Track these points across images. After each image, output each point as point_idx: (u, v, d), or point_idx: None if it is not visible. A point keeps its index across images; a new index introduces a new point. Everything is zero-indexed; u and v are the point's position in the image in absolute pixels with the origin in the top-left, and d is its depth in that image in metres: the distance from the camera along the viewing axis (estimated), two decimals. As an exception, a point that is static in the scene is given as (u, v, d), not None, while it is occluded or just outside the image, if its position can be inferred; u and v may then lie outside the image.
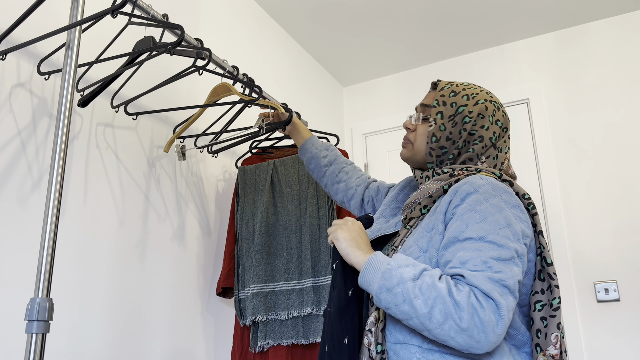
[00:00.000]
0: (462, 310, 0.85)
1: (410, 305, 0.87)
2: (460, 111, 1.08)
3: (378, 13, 2.57)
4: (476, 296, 0.86)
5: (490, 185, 0.97)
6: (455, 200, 0.98)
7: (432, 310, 0.86)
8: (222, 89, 1.64)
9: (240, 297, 1.75)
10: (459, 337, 0.85)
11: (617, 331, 2.28)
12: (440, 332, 0.86)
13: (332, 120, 3.05)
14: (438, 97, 1.12)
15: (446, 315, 0.85)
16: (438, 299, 0.86)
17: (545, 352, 0.93)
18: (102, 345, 1.41)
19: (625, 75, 2.55)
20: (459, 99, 1.10)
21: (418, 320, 0.87)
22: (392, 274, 0.90)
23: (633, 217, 2.37)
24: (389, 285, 0.89)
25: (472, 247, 0.91)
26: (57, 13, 1.43)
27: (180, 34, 1.20)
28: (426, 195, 1.05)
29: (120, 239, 1.52)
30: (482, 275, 0.87)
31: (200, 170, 1.91)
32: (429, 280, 0.88)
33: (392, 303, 0.89)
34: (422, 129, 1.12)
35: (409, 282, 0.88)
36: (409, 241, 1.02)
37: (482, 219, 0.93)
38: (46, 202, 0.97)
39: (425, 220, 1.03)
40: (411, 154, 1.15)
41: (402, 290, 0.88)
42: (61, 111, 1.02)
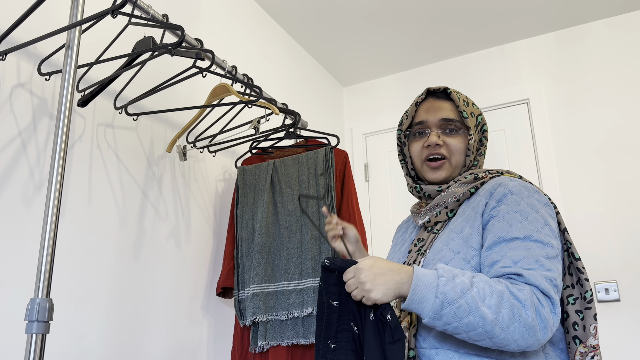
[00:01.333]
0: (527, 308, 0.84)
1: (475, 315, 0.84)
2: (480, 120, 1.11)
3: (378, 13, 2.57)
4: (537, 296, 0.86)
5: (522, 186, 0.99)
6: (492, 202, 0.98)
7: (497, 315, 0.84)
8: (221, 90, 1.64)
9: (240, 298, 1.75)
10: (523, 338, 0.84)
11: (618, 331, 2.28)
12: (504, 336, 0.84)
13: (332, 121, 3.05)
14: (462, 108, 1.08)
15: (512, 316, 0.84)
16: (502, 302, 0.84)
17: (586, 343, 0.95)
18: (102, 345, 1.41)
19: (625, 75, 2.55)
20: (473, 109, 1.11)
21: (483, 329, 0.84)
22: (449, 286, 0.85)
23: (633, 217, 2.37)
24: (450, 298, 0.84)
25: (520, 246, 0.91)
26: (57, 13, 1.43)
27: (181, 35, 1.20)
28: (453, 199, 1.04)
29: (120, 239, 1.52)
30: (539, 274, 0.88)
31: (200, 171, 1.91)
32: (484, 285, 0.86)
33: (456, 317, 0.84)
34: (459, 144, 1.08)
35: (469, 291, 0.85)
36: (438, 244, 1.01)
37: (523, 218, 0.94)
38: (46, 202, 0.97)
39: (454, 223, 1.02)
40: (449, 173, 1.08)
41: (465, 301, 0.84)
42: (61, 111, 1.02)
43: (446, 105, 1.10)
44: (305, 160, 1.80)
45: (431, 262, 1.00)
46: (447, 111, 1.09)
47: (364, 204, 3.03)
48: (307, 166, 1.79)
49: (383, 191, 3.01)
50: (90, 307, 1.39)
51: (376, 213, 2.99)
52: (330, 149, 1.78)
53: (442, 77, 3.01)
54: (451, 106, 1.10)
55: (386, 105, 3.14)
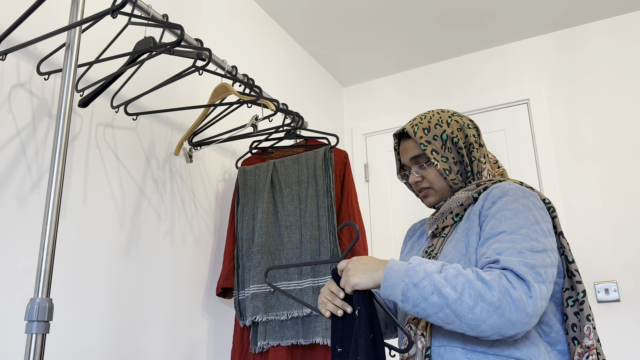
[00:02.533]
0: (492, 289, 0.88)
1: (439, 295, 0.89)
2: (445, 137, 1.17)
3: (378, 13, 2.57)
4: (507, 278, 0.90)
5: (518, 188, 1.05)
6: (487, 204, 1.05)
7: (462, 295, 0.88)
8: (221, 90, 1.64)
9: (240, 298, 1.75)
10: (491, 318, 0.87)
11: (618, 331, 2.28)
12: (471, 317, 0.87)
13: (332, 121, 3.05)
14: (420, 141, 1.16)
15: (477, 297, 0.88)
16: (466, 284, 0.89)
17: (582, 343, 0.99)
18: (102, 345, 1.41)
19: (625, 75, 2.55)
20: (435, 130, 1.18)
21: (449, 309, 0.88)
22: (415, 270, 0.93)
23: (633, 217, 2.37)
24: (415, 280, 0.91)
25: (506, 239, 0.96)
26: (57, 13, 1.43)
27: (180, 34, 1.20)
28: (457, 204, 1.12)
29: (120, 239, 1.52)
30: (516, 260, 0.92)
31: (200, 171, 1.91)
32: (453, 270, 0.92)
33: (421, 297, 0.90)
34: (431, 173, 1.17)
35: (434, 274, 0.91)
36: (447, 247, 1.08)
37: (513, 215, 0.99)
38: (46, 202, 0.97)
39: (461, 226, 1.10)
40: (439, 197, 1.18)
41: (429, 282, 0.90)
42: (61, 111, 1.02)
43: (410, 145, 1.20)
44: (305, 160, 1.80)
45: None
46: (411, 150, 1.19)
47: (364, 204, 3.03)
48: (306, 166, 1.79)
49: (383, 191, 3.01)
50: (90, 307, 1.39)
51: (376, 213, 2.99)
52: (330, 148, 1.78)
53: (442, 78, 3.01)
54: (413, 143, 1.19)
55: (386, 105, 3.14)
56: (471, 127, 1.20)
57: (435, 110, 1.22)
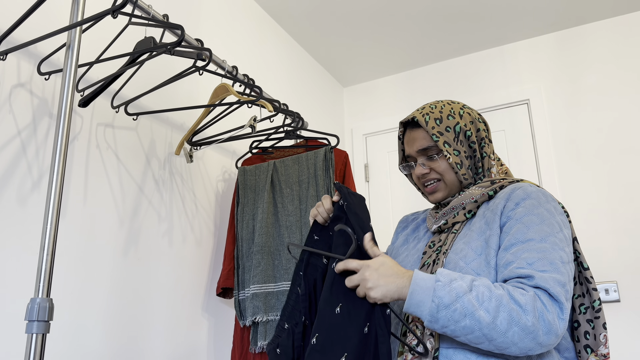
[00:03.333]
0: (527, 313, 0.85)
1: (472, 319, 0.85)
2: (459, 130, 1.11)
3: (379, 13, 2.57)
4: (542, 300, 0.87)
5: (541, 192, 1.02)
6: (510, 204, 1.00)
7: (495, 319, 0.85)
8: (221, 90, 1.64)
9: (240, 298, 1.75)
10: (523, 341, 0.85)
11: (618, 332, 2.28)
12: (503, 340, 0.85)
13: (332, 121, 3.05)
14: (432, 131, 1.09)
15: (510, 321, 0.84)
16: (501, 307, 0.85)
17: (597, 352, 0.97)
18: (102, 345, 1.41)
19: (625, 76, 2.55)
20: (448, 121, 1.11)
21: (480, 332, 0.85)
22: (445, 290, 0.87)
23: (633, 218, 2.37)
24: (446, 302, 0.86)
25: (536, 247, 0.92)
26: (58, 13, 1.43)
27: (181, 34, 1.20)
28: (470, 200, 1.07)
29: (120, 239, 1.52)
30: (551, 278, 0.89)
31: (200, 171, 1.91)
32: (485, 290, 0.87)
33: (452, 320, 0.86)
34: (442, 165, 1.10)
35: (466, 295, 0.86)
36: (459, 244, 1.02)
37: (540, 221, 0.96)
38: (46, 202, 0.97)
39: (476, 224, 1.04)
40: (447, 192, 1.12)
41: (461, 305, 0.86)
42: (61, 111, 1.02)
43: (419, 135, 1.12)
44: (305, 161, 1.80)
45: (452, 261, 1.00)
46: (420, 140, 1.11)
47: (364, 204, 3.03)
48: (307, 166, 1.79)
49: (383, 191, 3.01)
50: (90, 307, 1.39)
51: (376, 213, 2.99)
52: (330, 149, 1.78)
53: (442, 78, 3.01)
54: (423, 134, 1.11)
55: (386, 105, 3.14)
56: (481, 121, 1.15)
57: (445, 101, 1.15)
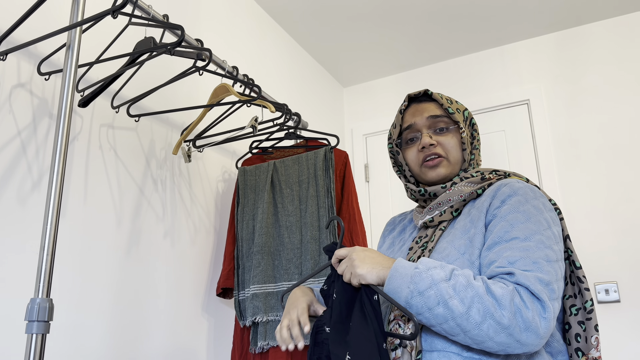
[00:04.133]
0: (503, 308, 0.82)
1: (445, 307, 0.83)
2: (467, 115, 1.11)
3: (379, 13, 2.57)
4: (521, 296, 0.84)
5: (529, 188, 0.98)
6: (495, 202, 0.97)
7: (469, 309, 0.82)
8: (221, 90, 1.64)
9: (240, 298, 1.75)
10: (499, 336, 0.82)
11: (618, 332, 2.28)
12: (478, 332, 0.82)
13: (332, 121, 3.05)
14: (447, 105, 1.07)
15: (485, 313, 0.82)
16: (475, 298, 0.83)
17: (588, 355, 0.94)
18: (102, 345, 1.41)
19: (625, 76, 2.55)
20: (458, 105, 1.11)
21: (454, 322, 0.83)
22: (422, 276, 0.86)
23: (633, 218, 2.37)
24: (421, 289, 0.85)
25: (519, 246, 0.89)
26: (58, 14, 1.43)
27: (181, 35, 1.20)
28: (459, 198, 1.03)
29: (120, 240, 1.52)
30: (532, 276, 0.85)
31: (200, 171, 1.91)
32: (463, 279, 0.85)
33: (425, 307, 0.84)
34: (452, 140, 1.06)
35: (441, 283, 0.85)
36: (443, 243, 1.00)
37: (526, 219, 0.92)
38: (46, 202, 0.97)
39: (460, 222, 1.01)
40: (450, 170, 1.07)
41: (435, 292, 0.84)
42: (61, 112, 1.02)
43: (430, 106, 1.09)
44: (305, 161, 1.80)
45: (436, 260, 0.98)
46: (432, 110, 1.09)
47: (364, 205, 3.03)
48: (307, 166, 1.79)
49: (383, 192, 3.01)
50: (90, 307, 1.39)
51: (376, 213, 2.99)
52: (330, 149, 1.78)
53: (442, 78, 3.01)
54: (435, 105, 1.09)
55: (386, 105, 3.14)
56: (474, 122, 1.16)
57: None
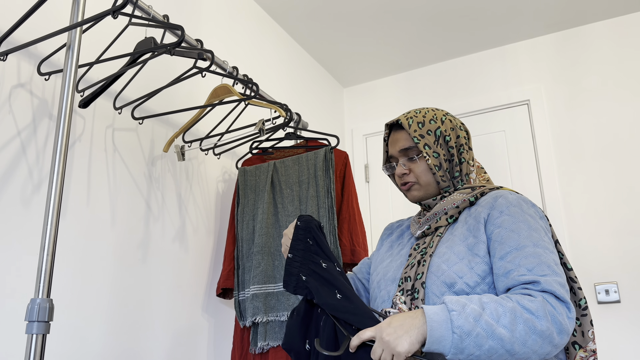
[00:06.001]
0: (540, 318, 0.88)
1: (494, 339, 0.86)
2: (439, 134, 1.17)
3: (379, 14, 2.57)
4: (551, 303, 0.91)
5: (521, 199, 1.07)
6: (494, 213, 1.05)
7: (514, 332, 0.87)
8: (222, 90, 1.64)
9: (240, 298, 1.75)
10: (542, 348, 0.88)
11: (618, 332, 2.28)
12: (524, 351, 0.87)
13: (332, 121, 3.05)
14: (413, 134, 1.16)
15: (528, 330, 0.87)
16: (516, 319, 0.88)
17: (586, 348, 1.01)
18: (102, 345, 1.41)
19: (625, 76, 2.55)
20: (429, 125, 1.18)
21: (504, 350, 0.87)
22: (462, 317, 0.88)
23: (633, 218, 2.37)
24: (467, 330, 0.87)
25: (531, 253, 0.97)
26: (58, 14, 1.43)
27: (181, 35, 1.20)
28: (452, 206, 1.12)
29: (121, 240, 1.52)
30: (553, 280, 0.93)
31: (200, 172, 1.91)
32: (495, 305, 0.89)
33: (477, 346, 0.86)
34: (420, 167, 1.16)
35: (483, 316, 0.88)
36: (442, 248, 1.07)
37: (528, 227, 1.01)
38: (47, 203, 0.97)
39: (458, 230, 1.09)
40: (423, 192, 1.17)
41: (481, 328, 0.87)
42: (61, 112, 1.02)
43: (402, 136, 1.19)
44: (305, 161, 1.80)
45: (435, 264, 1.05)
46: (402, 141, 1.18)
47: (364, 205, 3.03)
48: (307, 167, 1.79)
49: (383, 192, 3.01)
50: (90, 307, 1.39)
51: (376, 214, 2.99)
52: (330, 149, 1.78)
53: (442, 79, 3.01)
54: (406, 135, 1.18)
55: (387, 106, 3.14)
56: (462, 129, 1.21)
57: (430, 108, 1.23)
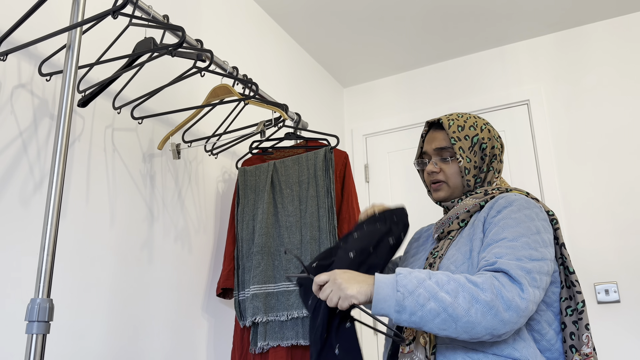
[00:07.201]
0: (484, 290, 0.91)
1: (435, 300, 0.91)
2: (476, 141, 1.20)
3: (379, 14, 2.57)
4: (499, 279, 0.93)
5: (524, 199, 1.10)
6: (492, 212, 1.09)
7: (456, 298, 0.90)
8: (222, 90, 1.64)
9: (240, 298, 1.75)
10: (485, 319, 0.90)
11: (618, 332, 2.28)
12: (467, 319, 0.90)
13: (332, 121, 3.06)
14: (452, 135, 1.19)
15: (471, 299, 0.90)
16: (459, 287, 0.92)
17: (580, 351, 1.02)
18: (103, 345, 1.41)
19: (625, 76, 2.55)
20: (469, 131, 1.21)
21: (446, 314, 0.90)
22: (407, 279, 0.94)
23: (633, 218, 2.37)
24: (410, 288, 0.93)
25: (506, 245, 1.00)
26: (58, 14, 1.43)
27: (182, 36, 1.20)
28: (464, 210, 1.16)
29: (121, 240, 1.52)
30: (513, 263, 0.95)
31: (200, 172, 1.91)
32: (443, 276, 0.95)
33: (418, 305, 0.91)
34: (452, 168, 1.20)
35: (426, 281, 0.93)
36: (452, 250, 1.12)
37: (516, 224, 1.03)
38: (47, 203, 0.97)
39: (466, 231, 1.14)
40: (449, 193, 1.21)
41: (424, 289, 0.92)
42: (62, 112, 1.02)
43: (440, 135, 1.23)
44: (305, 161, 1.80)
45: (445, 266, 1.09)
46: (439, 141, 1.22)
47: (364, 205, 3.03)
48: (307, 167, 1.79)
49: (383, 192, 3.01)
50: (90, 307, 1.39)
51: (376, 214, 2.99)
52: (330, 149, 1.78)
53: (442, 78, 3.01)
54: (444, 135, 1.22)
55: (387, 106, 3.14)
56: (499, 141, 1.24)
57: (473, 114, 1.27)
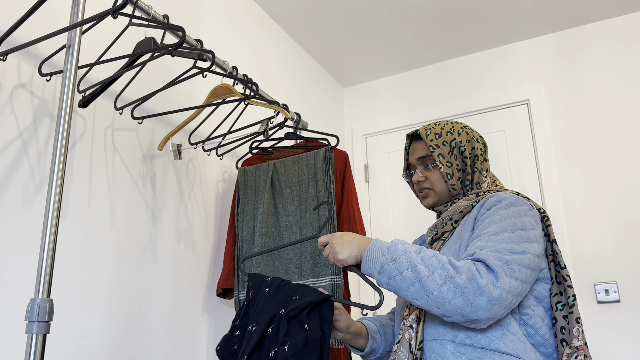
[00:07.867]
0: (461, 273, 0.97)
1: (413, 271, 0.98)
2: (454, 145, 1.25)
3: (379, 14, 2.57)
4: (477, 267, 0.98)
5: (513, 197, 1.13)
6: (482, 210, 1.14)
7: (433, 274, 0.97)
8: (222, 90, 1.64)
9: (241, 298, 1.75)
10: (456, 299, 0.95)
11: (618, 332, 2.28)
12: (438, 294, 0.96)
13: (332, 121, 3.06)
14: (430, 143, 1.25)
15: (446, 278, 0.97)
16: (439, 266, 0.98)
17: (571, 344, 1.04)
18: (103, 345, 1.41)
19: (625, 76, 2.55)
20: (446, 137, 1.26)
21: (420, 285, 0.97)
22: (396, 247, 1.03)
23: (633, 218, 2.37)
24: (394, 256, 1.01)
25: (488, 238, 1.04)
26: (58, 14, 1.43)
27: (182, 35, 1.20)
28: (456, 211, 1.20)
29: (121, 240, 1.52)
30: (492, 254, 1.00)
31: (201, 172, 1.91)
32: (430, 253, 1.01)
33: (397, 270, 0.99)
34: (434, 175, 1.25)
35: (412, 253, 1.01)
36: (443, 250, 1.17)
37: (501, 220, 1.07)
38: (47, 203, 0.97)
39: (457, 230, 1.18)
40: (437, 198, 1.27)
41: (406, 259, 1.00)
42: (61, 113, 1.02)
43: (420, 146, 1.29)
44: (305, 161, 1.80)
45: None
46: (420, 151, 1.28)
47: (364, 205, 3.03)
48: (307, 167, 1.79)
49: (383, 192, 3.01)
50: (90, 307, 1.39)
51: (376, 214, 2.99)
52: (330, 149, 1.78)
53: (442, 78, 3.01)
54: (424, 145, 1.28)
55: (386, 106, 3.14)
56: (479, 141, 1.28)
57: (450, 120, 1.31)
